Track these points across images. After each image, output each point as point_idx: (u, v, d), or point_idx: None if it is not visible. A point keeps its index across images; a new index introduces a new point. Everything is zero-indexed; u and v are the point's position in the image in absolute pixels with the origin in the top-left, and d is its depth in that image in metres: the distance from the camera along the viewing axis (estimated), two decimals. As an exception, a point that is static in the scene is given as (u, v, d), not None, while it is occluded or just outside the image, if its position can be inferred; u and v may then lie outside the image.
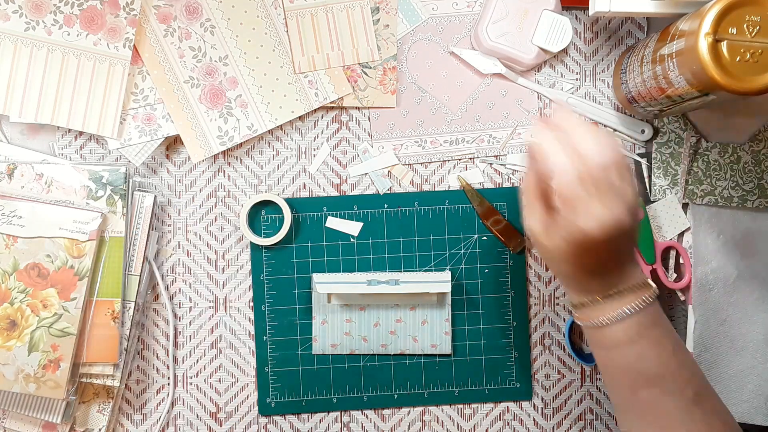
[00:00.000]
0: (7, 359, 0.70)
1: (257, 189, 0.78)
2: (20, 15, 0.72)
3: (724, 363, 0.77)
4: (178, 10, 0.75)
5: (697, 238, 0.77)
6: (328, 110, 0.78)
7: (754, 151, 0.78)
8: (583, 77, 0.79)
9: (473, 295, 0.78)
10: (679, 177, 0.77)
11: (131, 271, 0.74)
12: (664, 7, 0.70)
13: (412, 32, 0.78)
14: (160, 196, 0.77)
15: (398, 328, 0.77)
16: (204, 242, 0.78)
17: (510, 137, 0.78)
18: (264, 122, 0.76)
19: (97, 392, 0.75)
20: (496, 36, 0.75)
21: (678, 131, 0.77)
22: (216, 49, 0.75)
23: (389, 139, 0.78)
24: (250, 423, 0.78)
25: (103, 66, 0.73)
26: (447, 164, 0.78)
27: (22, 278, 0.71)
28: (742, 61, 0.60)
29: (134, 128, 0.75)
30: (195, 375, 0.78)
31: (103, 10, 0.73)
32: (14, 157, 0.74)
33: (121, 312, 0.73)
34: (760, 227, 0.78)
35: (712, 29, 0.60)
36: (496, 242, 0.78)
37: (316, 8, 0.76)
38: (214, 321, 0.78)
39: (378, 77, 0.77)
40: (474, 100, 0.78)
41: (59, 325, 0.71)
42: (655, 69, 0.68)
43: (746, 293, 0.77)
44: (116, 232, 0.73)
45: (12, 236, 0.71)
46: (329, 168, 0.78)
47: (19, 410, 0.73)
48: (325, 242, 0.77)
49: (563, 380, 0.79)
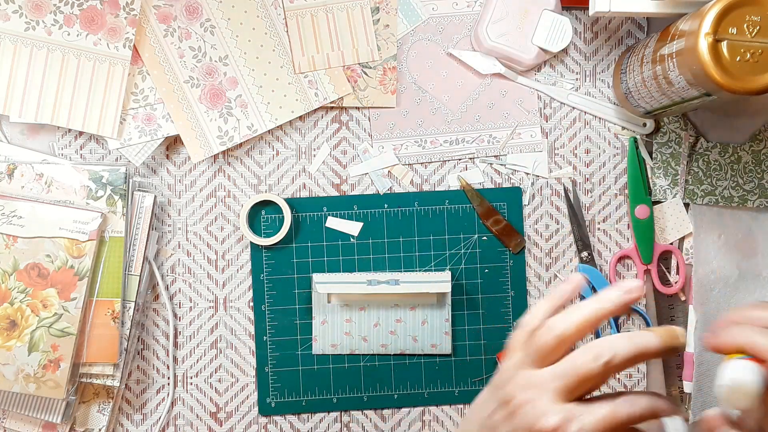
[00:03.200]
0: (7, 359, 0.71)
1: (257, 189, 0.78)
2: (20, 15, 0.72)
3: (725, 363, 0.77)
4: (178, 10, 0.75)
5: (698, 238, 0.77)
6: (328, 110, 0.78)
7: (754, 150, 0.77)
8: (583, 77, 0.79)
9: (473, 295, 0.78)
10: (679, 177, 0.77)
11: (131, 271, 0.74)
12: (664, 7, 0.70)
13: (412, 32, 0.78)
14: (160, 196, 0.77)
15: (398, 328, 0.77)
16: (204, 242, 0.78)
17: (510, 137, 0.78)
18: (264, 122, 0.76)
19: (97, 392, 0.75)
20: (496, 36, 0.75)
21: (678, 131, 0.77)
22: (216, 49, 0.75)
23: (389, 139, 0.78)
24: (250, 423, 0.78)
25: (103, 66, 0.73)
26: (447, 164, 0.78)
27: (22, 278, 0.71)
28: (742, 61, 0.60)
29: (134, 128, 0.75)
30: (195, 375, 0.78)
31: (103, 10, 0.73)
32: (14, 157, 0.74)
33: (121, 312, 0.73)
34: (760, 227, 0.78)
35: (712, 29, 0.60)
36: (496, 242, 0.78)
37: (316, 8, 0.76)
38: (214, 321, 0.78)
39: (378, 77, 0.77)
40: (474, 100, 0.78)
41: (59, 325, 0.71)
42: (655, 69, 0.68)
43: (747, 293, 0.77)
44: (116, 232, 0.73)
45: (12, 236, 0.71)
46: (329, 168, 0.78)
47: (19, 410, 0.73)
48: (325, 242, 0.77)
49: (563, 380, 0.79)
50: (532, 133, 0.78)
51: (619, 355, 0.44)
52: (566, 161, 0.79)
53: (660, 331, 0.45)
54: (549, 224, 0.79)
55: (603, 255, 0.78)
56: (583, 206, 0.79)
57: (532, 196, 0.78)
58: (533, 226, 0.78)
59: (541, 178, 0.78)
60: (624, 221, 0.79)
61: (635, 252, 0.77)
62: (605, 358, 0.44)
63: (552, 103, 0.78)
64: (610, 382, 0.79)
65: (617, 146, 0.79)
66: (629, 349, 0.44)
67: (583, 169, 0.79)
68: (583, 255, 0.78)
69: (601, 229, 0.79)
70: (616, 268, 0.78)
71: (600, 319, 0.47)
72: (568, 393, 0.45)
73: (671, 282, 0.78)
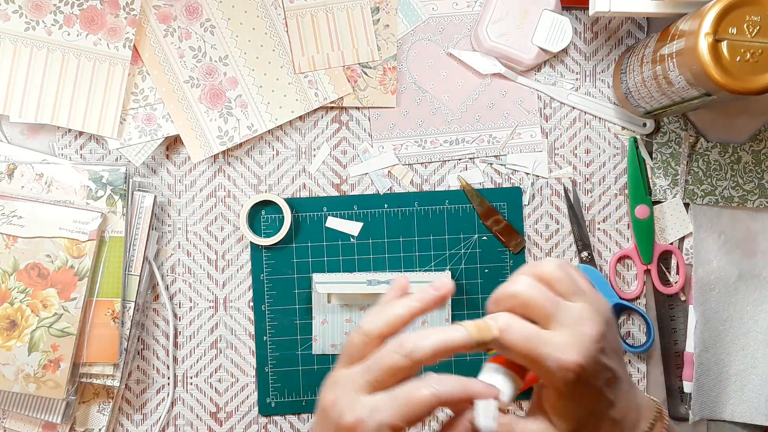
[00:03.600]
0: (7, 359, 0.71)
1: (257, 189, 0.78)
2: (20, 15, 0.72)
3: (725, 363, 0.77)
4: (178, 10, 0.75)
5: (698, 238, 0.77)
6: (328, 110, 0.78)
7: (754, 150, 0.77)
8: (583, 77, 0.79)
9: (473, 295, 0.78)
10: (679, 177, 0.77)
11: (131, 271, 0.74)
12: (664, 7, 0.70)
13: (412, 32, 0.78)
14: (160, 196, 0.77)
15: (398, 328, 0.77)
16: (204, 242, 0.78)
17: (510, 137, 0.78)
18: (264, 122, 0.76)
19: (97, 392, 0.75)
20: (496, 36, 0.75)
21: (678, 131, 0.77)
22: (216, 49, 0.75)
23: (389, 139, 0.78)
24: (250, 423, 0.78)
25: (103, 66, 0.73)
26: (447, 164, 0.78)
27: (22, 278, 0.71)
28: (742, 61, 0.60)
29: (134, 128, 0.75)
30: (195, 375, 0.78)
31: (103, 10, 0.73)
32: (14, 157, 0.74)
33: (121, 312, 0.73)
34: (761, 227, 0.78)
35: (712, 29, 0.60)
36: (496, 242, 0.78)
37: (316, 8, 0.76)
38: (214, 321, 0.78)
39: (378, 77, 0.77)
40: (474, 100, 0.78)
41: (59, 325, 0.71)
42: (655, 69, 0.68)
43: (747, 293, 0.77)
44: (116, 232, 0.73)
45: (12, 236, 0.71)
46: (329, 168, 0.78)
47: (19, 410, 0.73)
48: (325, 242, 0.77)
49: (563, 380, 0.79)
50: (532, 133, 0.78)
51: (420, 347, 0.45)
52: (566, 161, 0.79)
53: (470, 326, 0.46)
54: (549, 224, 0.79)
55: (603, 255, 0.78)
56: (583, 206, 0.79)
57: (532, 196, 0.78)
58: (533, 226, 0.78)
59: (541, 178, 0.78)
60: (624, 221, 0.79)
61: (635, 252, 0.77)
62: (407, 350, 0.45)
63: (552, 103, 0.78)
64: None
65: (617, 146, 0.79)
66: (432, 341, 0.45)
67: (583, 169, 0.79)
68: (583, 255, 0.78)
69: (601, 229, 0.79)
70: (616, 268, 0.78)
71: (409, 315, 0.48)
72: (376, 385, 0.46)
73: (671, 282, 0.78)
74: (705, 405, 0.77)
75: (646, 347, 0.77)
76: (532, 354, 0.46)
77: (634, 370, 0.78)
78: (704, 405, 0.77)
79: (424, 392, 0.45)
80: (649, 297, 0.79)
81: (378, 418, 0.44)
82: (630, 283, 0.79)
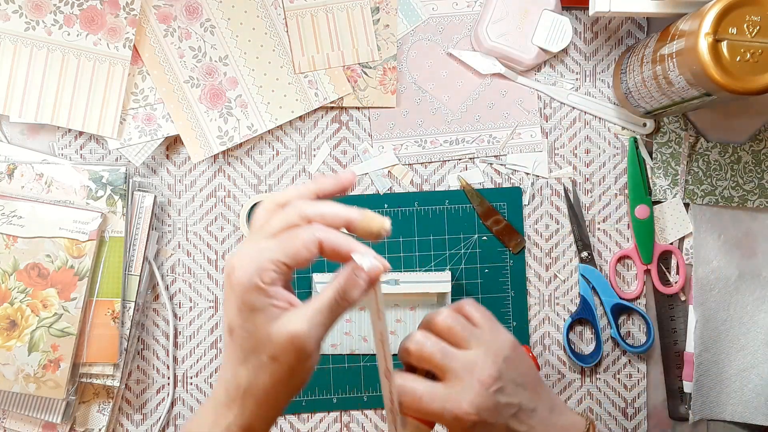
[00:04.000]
0: (7, 359, 0.71)
1: (257, 189, 0.78)
2: (20, 15, 0.72)
3: (725, 363, 0.77)
4: (178, 10, 0.75)
5: (698, 238, 0.77)
6: (328, 110, 0.78)
7: (754, 150, 0.78)
8: (583, 77, 0.79)
9: (473, 295, 0.78)
10: (679, 177, 0.77)
11: (131, 271, 0.74)
12: (664, 7, 0.70)
13: (412, 32, 0.78)
14: (160, 196, 0.77)
15: (398, 328, 0.77)
16: (204, 242, 0.78)
17: (510, 137, 0.78)
18: (264, 122, 0.76)
19: (97, 392, 0.75)
20: (496, 36, 0.75)
21: (678, 131, 0.77)
22: (216, 49, 0.75)
23: (389, 139, 0.78)
24: (250, 423, 0.78)
25: (103, 66, 0.73)
26: (447, 164, 0.78)
27: (22, 278, 0.71)
28: (742, 61, 0.60)
29: (134, 128, 0.75)
30: (195, 375, 0.78)
31: (103, 10, 0.73)
32: (14, 157, 0.74)
33: (121, 312, 0.73)
34: (760, 227, 0.78)
35: (712, 29, 0.60)
36: (496, 242, 0.78)
37: (316, 8, 0.76)
38: (214, 321, 0.78)
39: (378, 77, 0.77)
40: (474, 100, 0.78)
41: (59, 325, 0.71)
42: (655, 69, 0.68)
43: (747, 293, 0.77)
44: (116, 232, 0.73)
45: (12, 236, 0.71)
46: (329, 168, 0.78)
47: (19, 410, 0.73)
48: (325, 242, 0.77)
49: (563, 380, 0.79)
50: (532, 133, 0.78)
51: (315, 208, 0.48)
52: (566, 161, 0.79)
53: (364, 211, 0.48)
54: (549, 224, 0.79)
55: (603, 255, 0.78)
56: (583, 206, 0.79)
57: (532, 196, 0.78)
58: (533, 226, 0.78)
59: (541, 178, 0.78)
60: (624, 221, 0.79)
61: (635, 252, 0.77)
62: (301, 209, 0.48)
63: (552, 103, 0.78)
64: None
65: (617, 146, 0.79)
66: (328, 208, 0.48)
67: (583, 169, 0.79)
68: (583, 255, 0.78)
69: (601, 229, 0.79)
70: (616, 268, 0.78)
71: (306, 191, 0.49)
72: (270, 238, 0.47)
73: (671, 282, 0.78)
74: (705, 405, 0.77)
75: (646, 347, 0.77)
76: (428, 413, 0.51)
77: (634, 370, 0.78)
78: (704, 405, 0.77)
79: (305, 233, 0.46)
80: (649, 297, 0.79)
81: (266, 256, 0.46)
82: (630, 283, 0.79)
